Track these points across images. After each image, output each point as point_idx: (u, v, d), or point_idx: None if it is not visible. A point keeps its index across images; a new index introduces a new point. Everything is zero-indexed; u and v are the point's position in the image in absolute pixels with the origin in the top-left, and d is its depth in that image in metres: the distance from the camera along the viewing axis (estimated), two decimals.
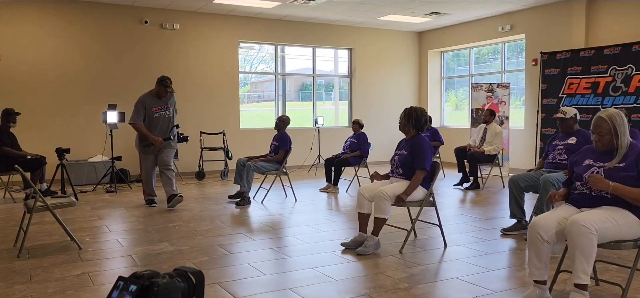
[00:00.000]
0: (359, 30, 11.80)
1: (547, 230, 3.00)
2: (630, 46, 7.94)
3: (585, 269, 2.81)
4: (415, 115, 4.59)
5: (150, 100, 6.42)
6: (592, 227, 2.78)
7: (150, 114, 6.39)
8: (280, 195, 7.48)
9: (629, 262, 3.19)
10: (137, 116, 6.35)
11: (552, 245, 3.02)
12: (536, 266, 3.05)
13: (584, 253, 2.79)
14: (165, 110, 6.49)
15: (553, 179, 4.63)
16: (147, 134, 6.34)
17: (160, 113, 6.46)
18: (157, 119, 6.43)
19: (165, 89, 6.39)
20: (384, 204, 4.29)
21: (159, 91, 6.43)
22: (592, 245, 2.79)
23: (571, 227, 2.83)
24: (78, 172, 8.61)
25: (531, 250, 3.06)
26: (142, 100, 6.41)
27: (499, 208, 6.49)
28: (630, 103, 7.74)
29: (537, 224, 3.04)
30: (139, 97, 6.46)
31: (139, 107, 6.37)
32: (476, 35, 11.15)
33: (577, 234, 2.79)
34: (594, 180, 2.95)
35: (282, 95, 11.70)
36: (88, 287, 3.56)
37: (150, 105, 6.40)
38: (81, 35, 9.27)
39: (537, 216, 3.21)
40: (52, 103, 9.09)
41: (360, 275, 3.82)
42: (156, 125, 6.43)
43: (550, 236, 2.99)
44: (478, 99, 10.26)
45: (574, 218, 2.85)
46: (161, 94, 6.43)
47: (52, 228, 5.23)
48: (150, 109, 6.40)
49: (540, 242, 3.00)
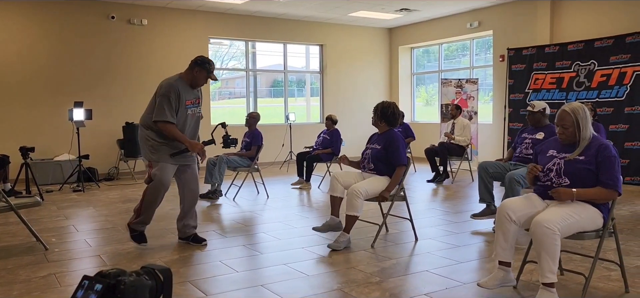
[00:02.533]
0: (330, 26, 11.81)
1: (516, 211, 3.08)
2: (592, 42, 8.16)
3: (552, 268, 2.89)
4: (381, 108, 4.64)
5: (185, 90, 4.39)
6: (555, 227, 2.86)
7: (183, 109, 4.37)
8: (252, 191, 7.44)
9: (592, 251, 3.29)
10: (169, 111, 4.26)
11: (518, 227, 3.11)
12: (502, 246, 3.13)
13: (549, 253, 2.87)
14: (198, 105, 4.56)
15: (517, 176, 4.74)
16: (182, 138, 4.33)
17: (193, 109, 4.49)
18: (190, 117, 4.46)
19: (207, 75, 4.45)
20: (356, 201, 4.31)
21: (197, 78, 4.41)
22: (556, 245, 2.88)
23: (535, 228, 2.90)
24: (43, 172, 8.39)
25: (498, 231, 3.14)
26: (175, 87, 4.31)
27: (468, 202, 6.60)
28: (593, 98, 7.96)
29: (506, 205, 3.14)
30: (168, 83, 4.34)
31: (170, 97, 4.27)
32: (445, 31, 11.30)
33: (541, 235, 2.87)
34: (557, 193, 3.04)
35: (253, 91, 11.63)
36: (55, 288, 3.49)
37: (184, 97, 4.38)
38: (46, 31, 9.02)
39: (507, 199, 3.29)
40: (15, 100, 8.83)
41: (332, 270, 3.84)
42: (186, 126, 4.45)
43: (519, 217, 3.08)
44: (447, 94, 10.41)
45: (537, 219, 2.92)
46: (198, 82, 4.46)
47: (17, 229, 5.09)
48: (185, 102, 4.38)
49: (508, 222, 3.08)
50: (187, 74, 4.44)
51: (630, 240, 4.53)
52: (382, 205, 4.84)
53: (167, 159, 4.37)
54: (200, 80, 4.44)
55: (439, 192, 7.50)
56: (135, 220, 4.48)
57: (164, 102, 4.26)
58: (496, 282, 3.16)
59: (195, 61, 4.41)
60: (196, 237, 4.63)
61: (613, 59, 7.88)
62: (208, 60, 4.43)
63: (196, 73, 4.39)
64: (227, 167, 6.97)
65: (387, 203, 4.65)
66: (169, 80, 4.37)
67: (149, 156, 4.42)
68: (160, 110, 4.26)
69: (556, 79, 8.60)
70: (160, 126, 4.29)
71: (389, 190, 4.44)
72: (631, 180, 7.50)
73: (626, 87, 7.69)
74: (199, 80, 4.44)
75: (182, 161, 4.47)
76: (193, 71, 4.39)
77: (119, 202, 6.85)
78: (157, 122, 4.29)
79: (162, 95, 4.29)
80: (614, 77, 7.85)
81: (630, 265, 3.78)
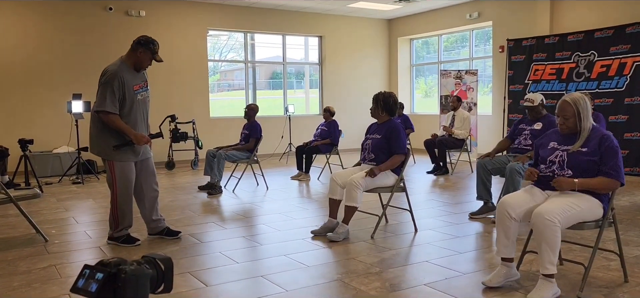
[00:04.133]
0: (328, 18, 11.77)
1: (515, 208, 3.08)
2: (592, 33, 8.14)
3: (552, 260, 2.90)
4: (383, 98, 4.63)
5: (129, 75, 4.06)
6: (555, 219, 2.86)
7: (131, 95, 4.04)
8: (251, 183, 7.44)
9: (591, 241, 3.30)
10: (110, 101, 3.94)
11: (519, 223, 3.11)
12: (504, 244, 3.14)
13: (549, 244, 2.88)
14: (146, 89, 4.22)
15: (518, 167, 4.74)
16: (126, 129, 4.01)
17: (142, 93, 4.15)
18: (140, 102, 4.13)
19: (151, 56, 4.15)
20: (355, 192, 4.31)
21: (141, 59, 4.10)
22: (556, 236, 2.88)
23: (536, 219, 2.91)
24: (43, 164, 8.38)
25: (499, 228, 3.15)
26: (117, 73, 3.97)
27: (467, 193, 6.60)
28: (593, 88, 7.95)
29: (505, 203, 3.13)
30: (109, 70, 4.00)
31: (113, 86, 3.94)
32: (444, 22, 11.27)
33: (542, 226, 2.87)
34: (559, 183, 3.03)
35: (252, 83, 11.61)
36: (55, 279, 3.49)
37: (130, 82, 4.04)
38: (43, 23, 8.98)
39: (506, 195, 3.29)
40: (14, 93, 8.81)
41: (332, 261, 3.84)
42: (137, 113, 4.11)
43: (518, 214, 3.08)
44: (447, 85, 10.39)
45: (538, 210, 2.92)
46: (143, 64, 4.14)
47: (17, 221, 5.09)
48: (131, 87, 4.04)
49: (508, 219, 3.09)
50: (129, 56, 4.09)
51: (629, 230, 4.54)
52: (382, 197, 4.84)
53: (114, 153, 4.05)
54: (144, 62, 4.12)
55: (438, 184, 7.51)
56: (117, 231, 4.21)
57: (106, 90, 3.93)
58: (500, 278, 3.17)
59: (138, 41, 4.09)
60: (170, 231, 4.44)
61: (613, 49, 7.86)
62: (152, 40, 4.13)
63: (140, 54, 4.08)
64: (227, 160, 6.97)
65: (386, 195, 4.65)
66: (112, 67, 4.02)
67: (105, 152, 4.11)
68: (101, 99, 3.95)
69: (556, 70, 8.59)
70: (101, 116, 3.98)
71: (380, 169, 4.38)
72: (631, 171, 7.51)
73: (626, 77, 7.67)
74: (143, 62, 4.11)
75: (136, 155, 4.14)
76: (137, 53, 4.07)
77: None
78: (98, 112, 3.98)
79: (104, 84, 3.95)
80: (613, 68, 7.83)
81: (629, 255, 3.79)
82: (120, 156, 4.07)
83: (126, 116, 4.05)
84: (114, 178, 4.12)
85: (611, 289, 3.15)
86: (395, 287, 3.26)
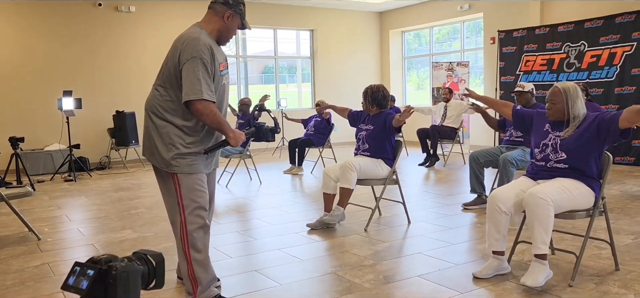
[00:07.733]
0: (320, 11, 11.74)
1: (505, 201, 3.10)
2: (582, 23, 8.18)
3: (544, 239, 2.92)
4: (371, 93, 4.65)
5: (216, 49, 2.78)
6: (548, 198, 2.89)
7: (218, 77, 2.77)
8: (244, 178, 7.43)
9: (582, 231, 3.32)
10: (206, 84, 2.65)
11: (510, 217, 3.13)
12: (495, 237, 3.16)
13: (542, 224, 2.90)
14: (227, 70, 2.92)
15: (511, 158, 4.76)
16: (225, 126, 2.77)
17: (226, 74, 2.89)
18: (224, 88, 2.88)
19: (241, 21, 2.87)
20: (349, 174, 4.34)
21: (229, 27, 2.85)
22: (549, 216, 2.90)
23: (529, 199, 2.93)
24: (34, 162, 8.33)
25: (490, 222, 3.17)
26: (209, 44, 2.70)
27: (460, 185, 6.63)
28: (583, 78, 7.99)
29: (495, 197, 3.15)
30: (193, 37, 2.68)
31: (205, 62, 2.65)
32: (436, 15, 11.27)
33: (535, 205, 2.89)
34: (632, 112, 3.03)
35: (244, 78, 11.57)
36: (48, 277, 3.48)
37: (218, 59, 2.77)
38: (33, 19, 8.90)
39: (496, 189, 3.31)
40: (3, 90, 8.73)
41: (326, 254, 3.85)
42: (222, 103, 2.87)
43: (508, 207, 3.10)
44: (439, 77, 10.41)
45: (532, 190, 2.96)
46: (229, 34, 2.88)
47: (8, 220, 5.06)
48: (219, 66, 2.78)
49: (498, 213, 3.11)
50: (210, 21, 2.81)
51: (620, 219, 4.58)
52: (375, 189, 4.85)
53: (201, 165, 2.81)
54: (231, 30, 2.87)
55: (431, 176, 7.53)
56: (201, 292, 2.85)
57: (198, 69, 2.61)
58: (491, 271, 3.21)
59: (224, 1, 2.81)
60: None
61: (603, 39, 7.91)
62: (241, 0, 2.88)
63: (227, 19, 2.81)
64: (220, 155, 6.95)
65: (379, 187, 4.66)
66: (195, 33, 2.71)
67: (169, 162, 2.73)
68: (193, 82, 2.61)
69: (547, 61, 8.62)
70: (196, 108, 2.64)
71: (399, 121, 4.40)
72: (621, 160, 7.57)
73: (616, 67, 7.72)
74: (230, 30, 2.86)
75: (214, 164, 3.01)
76: (223, 17, 2.80)
77: (111, 191, 6.82)
78: (189, 102, 2.63)
79: (192, 59, 2.62)
80: (604, 58, 7.88)
81: (620, 243, 3.82)
82: (189, 166, 2.76)
83: None
84: (180, 200, 2.77)
85: (602, 277, 3.18)
86: (389, 279, 3.28)
